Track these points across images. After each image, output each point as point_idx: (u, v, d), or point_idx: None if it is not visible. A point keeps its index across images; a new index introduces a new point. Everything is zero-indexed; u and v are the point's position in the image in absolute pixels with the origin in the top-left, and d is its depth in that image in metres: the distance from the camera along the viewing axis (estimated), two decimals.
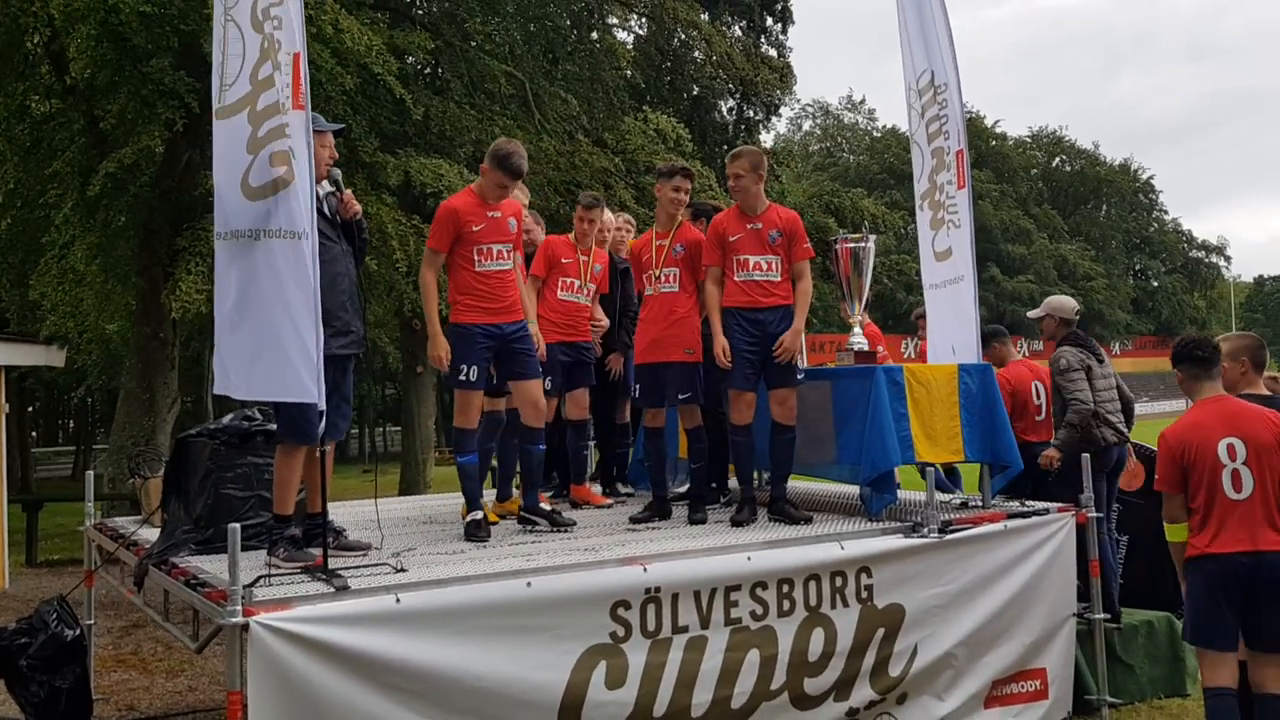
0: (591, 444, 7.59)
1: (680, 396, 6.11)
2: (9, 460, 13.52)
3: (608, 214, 7.35)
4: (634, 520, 6.08)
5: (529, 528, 5.79)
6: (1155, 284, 80.00)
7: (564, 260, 6.76)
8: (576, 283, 6.76)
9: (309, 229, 4.38)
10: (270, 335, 4.36)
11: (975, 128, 70.40)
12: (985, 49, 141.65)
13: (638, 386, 6.29)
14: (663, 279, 6.18)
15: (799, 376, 6.02)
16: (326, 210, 5.00)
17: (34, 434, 42.81)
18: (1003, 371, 7.14)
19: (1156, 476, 5.16)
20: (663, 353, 6.11)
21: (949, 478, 8.36)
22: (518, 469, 6.25)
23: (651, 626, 4.71)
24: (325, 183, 5.06)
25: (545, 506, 5.96)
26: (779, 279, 5.95)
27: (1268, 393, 5.59)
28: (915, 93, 6.98)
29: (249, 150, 4.44)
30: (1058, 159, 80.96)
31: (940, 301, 6.85)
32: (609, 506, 6.87)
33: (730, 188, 6.10)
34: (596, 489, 7.27)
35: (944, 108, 6.76)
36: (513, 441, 6.16)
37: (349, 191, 5.15)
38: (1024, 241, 68.20)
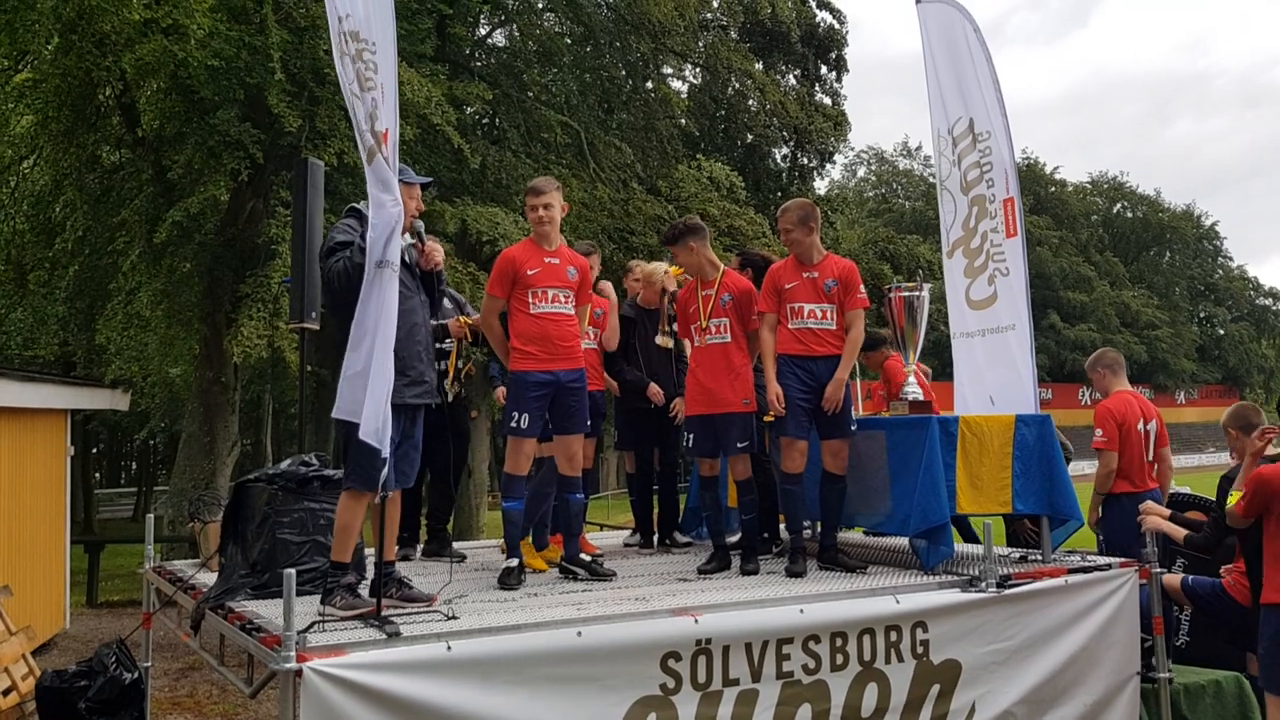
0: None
1: (739, 445, 6.07)
2: (72, 501, 13.79)
3: (657, 265, 7.40)
4: (701, 571, 6.03)
5: (569, 578, 5.77)
6: (1221, 332, 78.41)
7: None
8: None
9: (397, 264, 4.58)
10: (367, 361, 4.45)
11: (1033, 173, 69.81)
12: (1035, 98, 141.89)
13: (691, 437, 6.25)
14: (713, 329, 6.14)
15: (852, 428, 5.98)
16: (408, 260, 5.07)
17: (97, 475, 43.66)
18: None
19: (1245, 504, 5.38)
20: (719, 404, 6.07)
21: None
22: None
23: (702, 679, 4.65)
24: (407, 234, 5.14)
25: (586, 556, 5.95)
26: (834, 328, 5.95)
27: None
28: (947, 140, 6.96)
29: (388, 189, 4.58)
30: (1119, 205, 79.95)
31: (974, 351, 6.75)
32: (601, 555, 6.90)
33: (782, 240, 6.17)
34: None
35: (986, 155, 6.72)
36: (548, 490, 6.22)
37: (431, 241, 5.21)
38: (1085, 289, 67.28)
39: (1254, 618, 5.64)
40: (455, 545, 7.39)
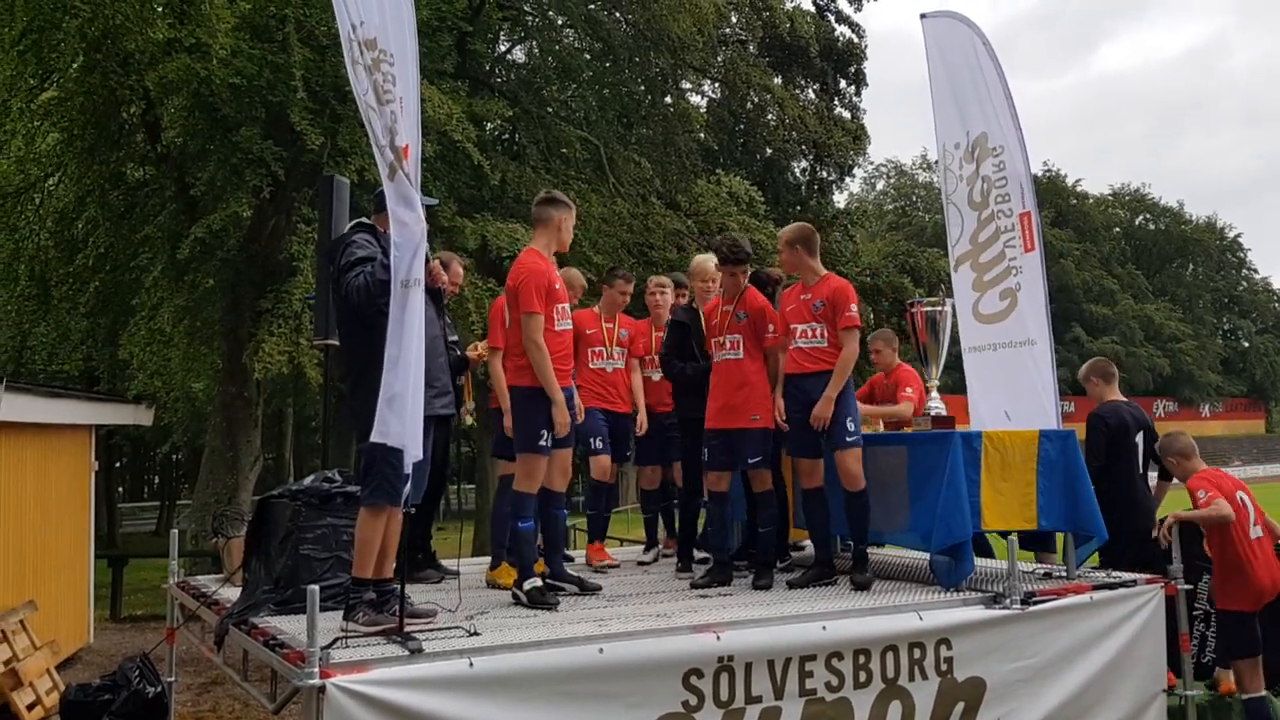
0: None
1: (751, 460, 6.09)
2: (95, 515, 13.87)
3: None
4: (695, 585, 6.05)
5: (556, 594, 5.66)
6: (1246, 344, 77.81)
7: (589, 331, 7.05)
8: (604, 350, 7.05)
9: (423, 281, 4.57)
10: (404, 383, 4.45)
11: (1055, 186, 69.50)
12: (1044, 115, 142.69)
13: (705, 450, 6.22)
14: (727, 345, 6.19)
15: (847, 440, 5.89)
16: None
17: (120, 489, 43.90)
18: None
19: None
20: (733, 419, 6.09)
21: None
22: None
23: (724, 696, 4.63)
24: None
25: (572, 572, 5.96)
26: (824, 346, 5.98)
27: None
28: (954, 155, 6.92)
29: (411, 206, 4.59)
30: (1141, 217, 79.49)
31: (986, 365, 6.69)
32: (617, 565, 6.91)
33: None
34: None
35: (1000, 170, 6.66)
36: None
37: (435, 262, 5.24)
38: (1108, 302, 66.90)
39: None
40: (464, 560, 7.36)
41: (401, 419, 4.39)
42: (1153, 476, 7.22)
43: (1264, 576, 6.26)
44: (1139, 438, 6.90)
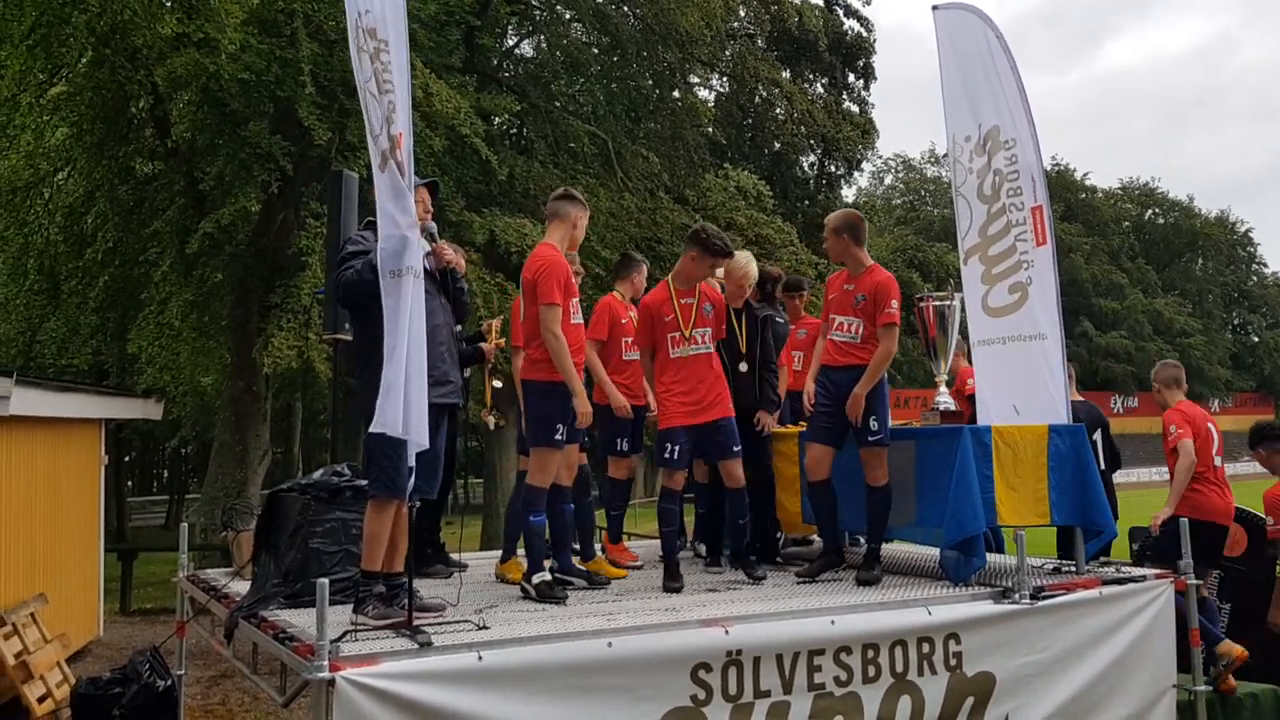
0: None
1: (735, 450, 6.02)
2: (105, 509, 13.91)
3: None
4: (668, 589, 5.82)
5: (565, 589, 5.66)
6: (1256, 339, 77.42)
7: (623, 320, 6.73)
8: (632, 340, 6.71)
9: (419, 270, 4.55)
10: (402, 371, 4.43)
11: (1064, 180, 69.21)
12: (1051, 111, 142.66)
13: (675, 449, 5.99)
14: (697, 339, 6.08)
15: (869, 439, 5.86)
16: (427, 266, 5.05)
17: (129, 483, 44.03)
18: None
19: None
20: (710, 412, 6.00)
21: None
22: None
23: (733, 690, 4.63)
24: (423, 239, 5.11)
25: (580, 566, 5.96)
26: (858, 341, 5.95)
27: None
28: (963, 147, 6.89)
29: (400, 197, 4.57)
30: (1150, 211, 79.09)
31: (995, 358, 6.66)
32: (640, 566, 6.83)
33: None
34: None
35: (1013, 163, 6.64)
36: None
37: (441, 243, 5.20)
38: (1117, 296, 66.62)
39: None
40: (473, 554, 7.35)
41: (400, 410, 4.38)
42: (1147, 476, 7.43)
43: (1216, 497, 7.03)
44: (1096, 435, 6.98)
